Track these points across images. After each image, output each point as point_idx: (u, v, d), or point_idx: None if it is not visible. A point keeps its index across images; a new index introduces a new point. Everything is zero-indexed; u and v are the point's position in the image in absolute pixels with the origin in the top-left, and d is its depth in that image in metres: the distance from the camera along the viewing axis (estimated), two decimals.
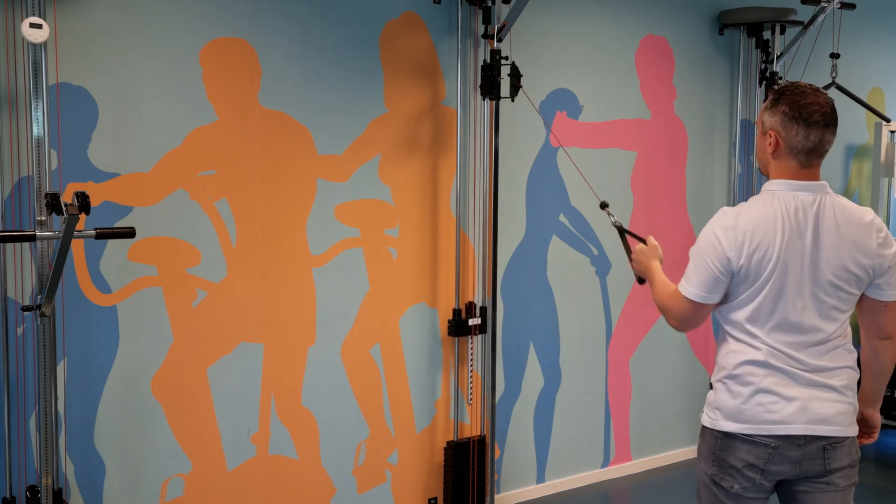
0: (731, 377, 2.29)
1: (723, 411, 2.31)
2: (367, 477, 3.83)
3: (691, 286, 2.28)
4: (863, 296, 2.30)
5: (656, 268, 2.57)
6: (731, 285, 2.27)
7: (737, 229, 2.22)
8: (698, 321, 2.35)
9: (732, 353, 2.30)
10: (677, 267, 2.46)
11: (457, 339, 3.96)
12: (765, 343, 2.25)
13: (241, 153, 3.42)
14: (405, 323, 3.86)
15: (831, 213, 2.24)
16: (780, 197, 2.25)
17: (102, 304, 3.19)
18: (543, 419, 4.36)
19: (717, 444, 2.32)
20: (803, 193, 2.24)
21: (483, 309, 3.95)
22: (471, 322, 3.92)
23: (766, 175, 2.35)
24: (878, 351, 2.36)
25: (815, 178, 2.27)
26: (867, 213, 2.28)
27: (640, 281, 2.73)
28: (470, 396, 3.99)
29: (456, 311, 3.92)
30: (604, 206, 3.08)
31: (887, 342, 2.35)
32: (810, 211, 2.22)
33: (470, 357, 3.96)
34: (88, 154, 3.12)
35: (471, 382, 3.98)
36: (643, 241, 2.69)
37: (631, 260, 2.72)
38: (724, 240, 2.23)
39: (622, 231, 2.96)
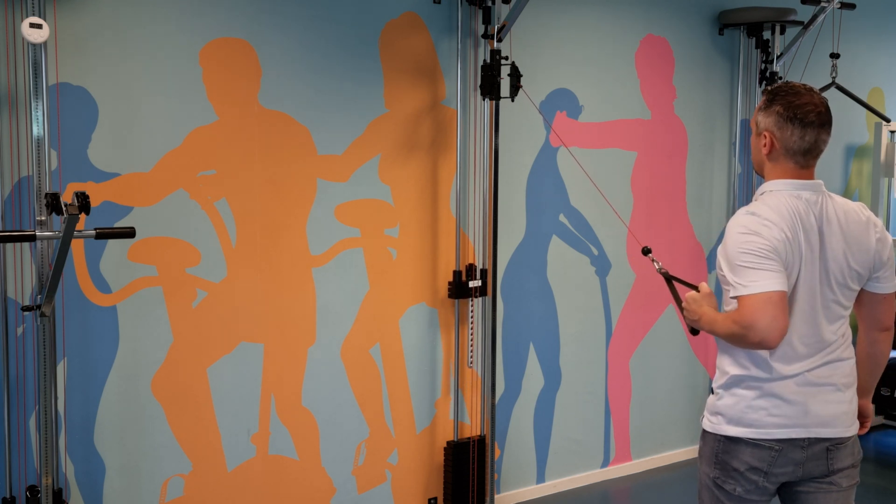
0: (734, 382, 2.29)
1: (725, 416, 2.30)
2: (367, 477, 3.83)
3: (759, 279, 2.08)
4: (861, 289, 2.31)
5: (709, 311, 2.30)
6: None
7: (772, 227, 2.15)
8: (784, 316, 2.09)
9: (735, 358, 2.29)
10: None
11: (457, 301, 3.95)
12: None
13: (241, 153, 3.42)
14: (405, 323, 3.86)
15: (833, 211, 2.24)
16: (786, 196, 2.23)
17: (102, 304, 3.19)
18: (543, 419, 4.35)
19: (720, 447, 2.31)
20: (807, 192, 2.24)
21: (483, 271, 3.95)
22: (471, 284, 3.91)
23: (761, 175, 2.35)
24: (876, 343, 2.38)
25: (812, 178, 2.28)
26: (863, 210, 2.29)
27: (694, 332, 2.46)
28: (470, 360, 3.98)
29: (456, 273, 3.92)
30: (646, 251, 2.78)
31: (885, 333, 2.38)
32: (815, 210, 2.23)
33: (470, 320, 3.95)
34: (88, 154, 3.12)
35: (471, 343, 3.97)
36: (695, 287, 2.39)
37: (681, 309, 2.42)
38: (765, 232, 2.14)
39: (669, 278, 2.67)
